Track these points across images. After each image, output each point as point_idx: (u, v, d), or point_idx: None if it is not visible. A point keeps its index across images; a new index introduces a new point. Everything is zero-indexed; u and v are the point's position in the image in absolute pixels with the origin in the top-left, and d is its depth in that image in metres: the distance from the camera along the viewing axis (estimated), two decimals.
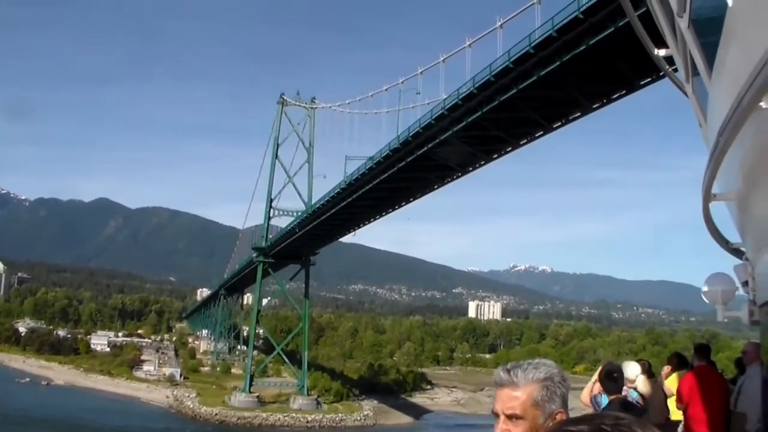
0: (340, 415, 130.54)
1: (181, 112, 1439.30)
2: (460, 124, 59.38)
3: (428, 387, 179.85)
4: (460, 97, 57.35)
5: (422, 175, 75.24)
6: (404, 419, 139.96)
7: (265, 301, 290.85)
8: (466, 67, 60.10)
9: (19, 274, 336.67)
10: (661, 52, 8.62)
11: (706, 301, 8.35)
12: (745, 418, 10.62)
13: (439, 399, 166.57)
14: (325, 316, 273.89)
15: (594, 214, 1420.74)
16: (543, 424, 3.19)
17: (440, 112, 60.74)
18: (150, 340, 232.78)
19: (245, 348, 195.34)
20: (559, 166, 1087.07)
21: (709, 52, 5.61)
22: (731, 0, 4.45)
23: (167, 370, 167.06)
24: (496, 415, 3.27)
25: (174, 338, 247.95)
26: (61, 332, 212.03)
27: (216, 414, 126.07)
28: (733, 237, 7.42)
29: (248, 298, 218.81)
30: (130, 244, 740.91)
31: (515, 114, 56.19)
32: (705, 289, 8.32)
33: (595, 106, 54.57)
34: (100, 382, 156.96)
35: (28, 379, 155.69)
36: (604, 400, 9.39)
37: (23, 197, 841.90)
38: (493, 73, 52.57)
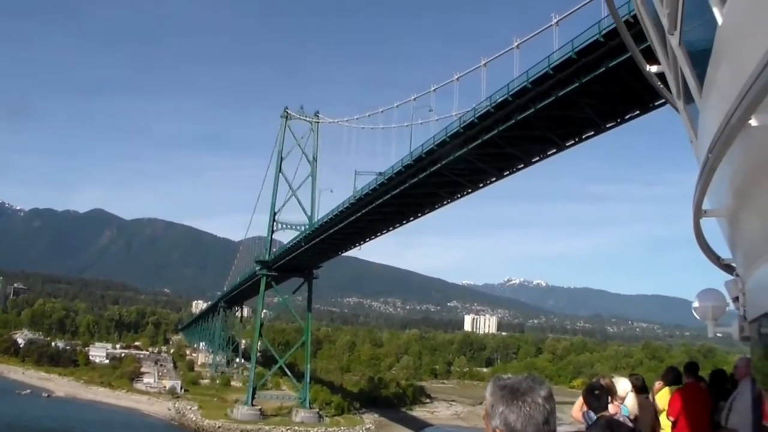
0: (342, 428, 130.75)
1: (176, 123, 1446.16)
2: (475, 142, 60.11)
3: (427, 400, 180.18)
4: (477, 115, 58.09)
5: (433, 191, 76.03)
6: None
7: (262, 315, 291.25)
8: (482, 86, 60.88)
9: (15, 284, 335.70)
10: (653, 69, 8.71)
11: (697, 317, 8.42)
12: None
13: (439, 412, 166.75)
14: (323, 329, 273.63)
15: (588, 228, 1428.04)
16: None
17: (455, 129, 61.46)
18: (148, 352, 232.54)
19: (243, 361, 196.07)
20: (553, 180, 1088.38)
21: (700, 69, 5.76)
22: (721, 18, 4.61)
23: (168, 383, 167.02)
24: None
25: (172, 350, 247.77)
26: (60, 344, 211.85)
27: (219, 427, 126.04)
28: (724, 252, 7.42)
29: (245, 311, 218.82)
30: (124, 255, 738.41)
31: (530, 132, 56.95)
32: (696, 304, 8.41)
33: (609, 125, 55.31)
34: (100, 394, 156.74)
35: (29, 391, 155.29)
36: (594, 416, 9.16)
37: (18, 207, 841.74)
38: (510, 93, 53.37)
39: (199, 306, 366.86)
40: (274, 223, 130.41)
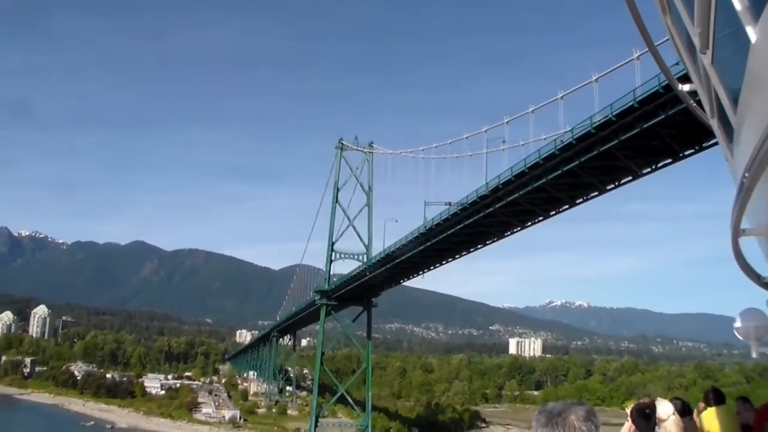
0: None
1: (214, 154, 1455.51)
2: (554, 173, 61.36)
3: (483, 425, 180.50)
4: (558, 147, 59.46)
5: (506, 220, 77.05)
6: None
7: (304, 342, 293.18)
8: (560, 118, 62.12)
9: (64, 317, 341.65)
10: (686, 87, 8.83)
11: (739, 338, 8.67)
12: None
13: None
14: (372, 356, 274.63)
15: (629, 247, 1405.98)
16: None
17: (535, 160, 62.84)
18: (200, 383, 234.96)
19: (294, 389, 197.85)
20: (593, 200, 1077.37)
21: (733, 87, 5.72)
22: (755, 36, 4.64)
23: (226, 413, 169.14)
24: None
25: (223, 380, 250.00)
26: (114, 375, 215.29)
27: None
28: (766, 271, 7.46)
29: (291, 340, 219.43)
30: (165, 286, 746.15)
31: (611, 163, 58.12)
32: (737, 324, 8.64)
33: (687, 153, 56.13)
34: (162, 425, 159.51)
35: (92, 423, 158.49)
36: None
37: (60, 241, 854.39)
38: (594, 126, 54.55)
39: (242, 335, 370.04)
40: (332, 253, 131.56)
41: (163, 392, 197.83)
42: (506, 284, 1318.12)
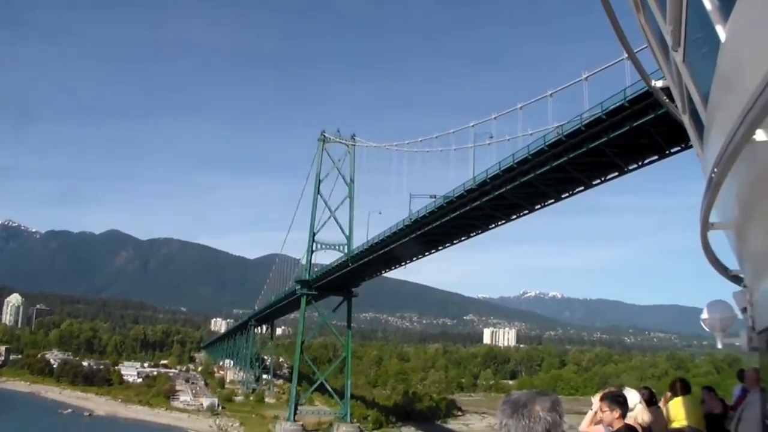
0: None
1: (188, 144, 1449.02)
2: (543, 168, 62.57)
3: (459, 413, 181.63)
4: (547, 143, 60.65)
5: (491, 213, 78.04)
6: None
7: (279, 331, 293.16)
8: (549, 115, 62.99)
9: (38, 306, 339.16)
10: (658, 83, 8.85)
11: (706, 329, 8.65)
12: None
13: (473, 425, 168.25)
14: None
15: (603, 240, 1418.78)
16: None
17: (524, 156, 63.89)
18: (177, 371, 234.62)
19: (271, 378, 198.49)
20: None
21: (704, 85, 5.84)
22: (724, 34, 4.75)
23: (204, 400, 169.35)
24: None
25: (200, 368, 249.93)
26: (91, 363, 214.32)
27: None
28: (733, 264, 7.48)
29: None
30: (140, 275, 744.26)
31: (599, 159, 59.38)
32: (704, 316, 8.62)
33: (673, 151, 57.28)
34: (141, 413, 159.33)
35: (70, 410, 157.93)
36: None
37: (34, 230, 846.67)
38: (584, 123, 55.85)
39: (218, 323, 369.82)
40: (314, 243, 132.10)
41: (140, 380, 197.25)
42: (481, 275, 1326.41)
